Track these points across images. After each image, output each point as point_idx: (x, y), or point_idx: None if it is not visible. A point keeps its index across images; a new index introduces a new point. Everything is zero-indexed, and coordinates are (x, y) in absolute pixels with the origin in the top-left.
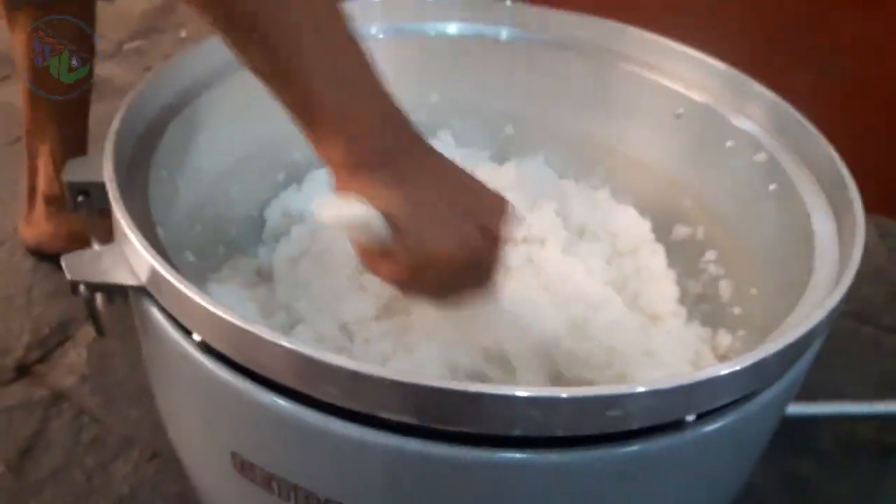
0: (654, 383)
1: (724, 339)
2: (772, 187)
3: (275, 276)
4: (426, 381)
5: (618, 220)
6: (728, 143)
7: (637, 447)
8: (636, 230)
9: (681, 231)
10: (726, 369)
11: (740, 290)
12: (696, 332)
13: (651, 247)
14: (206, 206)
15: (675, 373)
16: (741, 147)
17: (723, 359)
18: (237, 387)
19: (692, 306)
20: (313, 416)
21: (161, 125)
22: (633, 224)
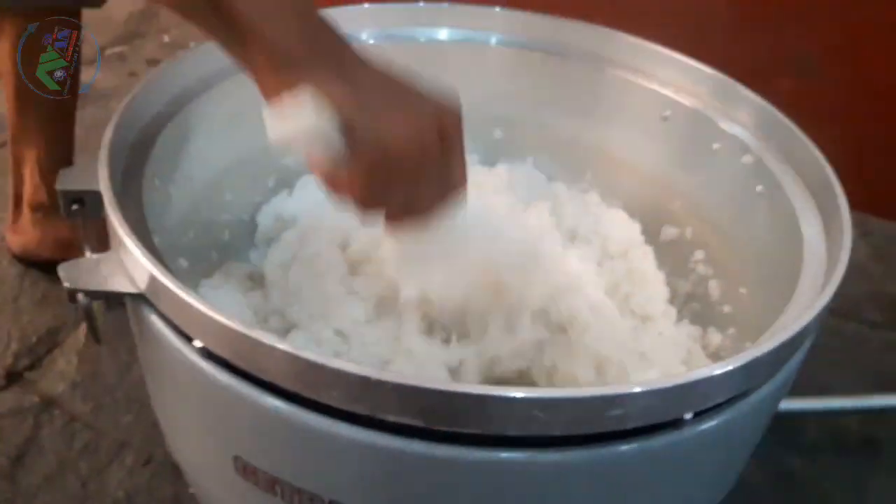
0: (653, 383)
1: (715, 338)
2: (759, 188)
3: (268, 281)
4: (431, 385)
5: (608, 223)
6: (715, 146)
7: (637, 445)
8: (626, 233)
9: (669, 232)
10: (723, 368)
11: (729, 290)
12: (686, 332)
13: (641, 249)
14: (199, 212)
15: (673, 373)
16: (728, 149)
17: (714, 357)
18: (239, 392)
19: (682, 306)
20: (316, 419)
21: (153, 133)
22: (623, 226)
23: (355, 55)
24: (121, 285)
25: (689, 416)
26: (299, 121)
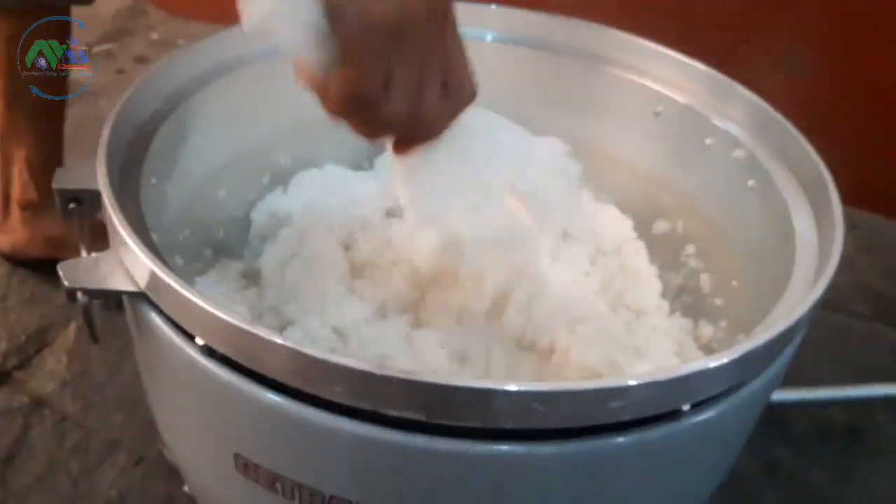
0: (652, 375)
1: (707, 330)
2: (750, 183)
3: (263, 278)
4: (435, 379)
5: (600, 220)
6: (707, 141)
7: (635, 437)
8: (619, 229)
9: (661, 226)
10: (721, 360)
11: (721, 283)
12: (679, 324)
13: (634, 245)
14: (194, 210)
15: (667, 365)
16: (720, 144)
17: (705, 349)
18: (241, 389)
19: (673, 299)
20: (318, 415)
21: (150, 130)
22: (615, 223)
23: None
24: (121, 284)
25: (686, 407)
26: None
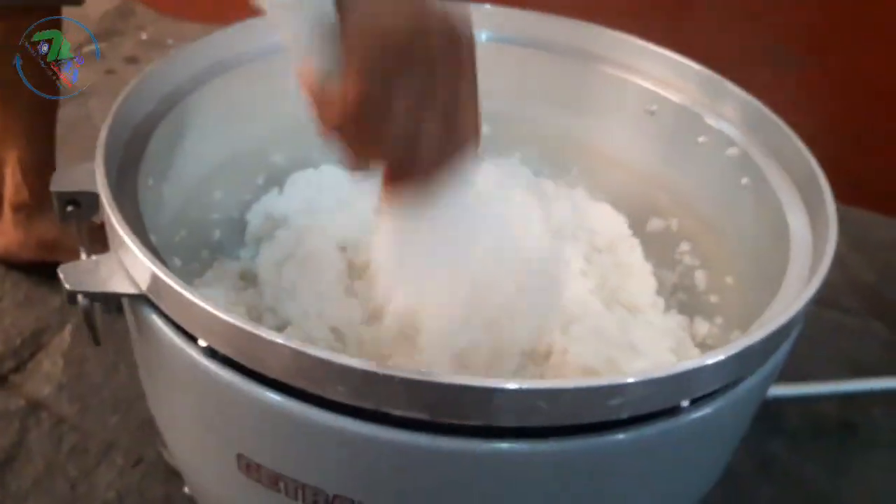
0: (652, 372)
1: (702, 327)
2: (744, 181)
3: (261, 279)
4: (438, 378)
5: (595, 217)
6: (700, 139)
7: (635, 433)
8: (613, 226)
9: (655, 224)
10: (719, 357)
11: (716, 280)
12: (675, 321)
13: (628, 242)
14: (190, 211)
15: (669, 362)
16: (713, 143)
17: (701, 346)
18: (244, 390)
19: (669, 296)
20: (321, 414)
21: (146, 132)
22: (609, 220)
23: None
24: (121, 286)
25: (685, 403)
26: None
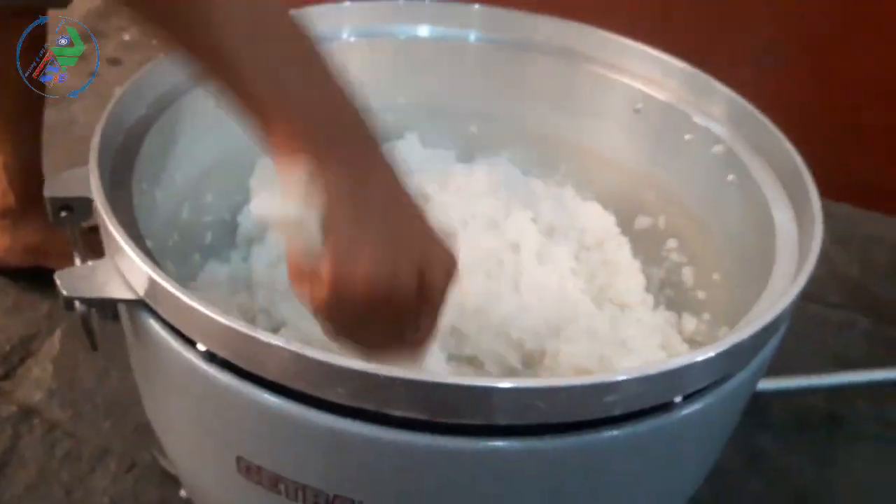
0: (646, 368)
1: (690, 323)
2: (730, 178)
3: (254, 281)
4: (438, 379)
5: (584, 216)
6: (686, 137)
7: (630, 429)
8: (602, 224)
9: (643, 221)
10: (711, 353)
11: (703, 276)
12: (663, 318)
13: (617, 240)
14: (182, 214)
15: (653, 358)
16: (699, 140)
17: (689, 342)
18: (244, 392)
19: (657, 293)
20: (320, 416)
21: (138, 136)
22: (598, 219)
23: (373, 162)
24: (118, 292)
25: (678, 399)
26: (290, 209)
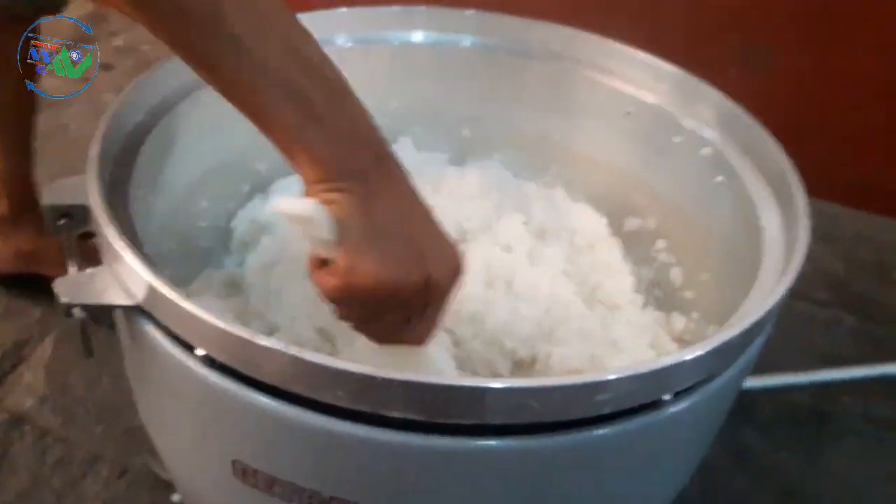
0: (636, 367)
1: (679, 322)
2: (718, 179)
3: (247, 285)
4: (434, 380)
5: (575, 218)
6: (676, 139)
7: (621, 427)
8: (593, 226)
9: (632, 223)
10: (697, 352)
11: (692, 276)
12: (652, 317)
13: (607, 241)
14: (178, 221)
15: (643, 357)
16: (688, 142)
17: (678, 341)
18: (242, 396)
19: (646, 292)
20: (318, 419)
21: (135, 144)
22: (589, 220)
23: (386, 168)
24: (117, 298)
25: (667, 397)
26: (303, 209)
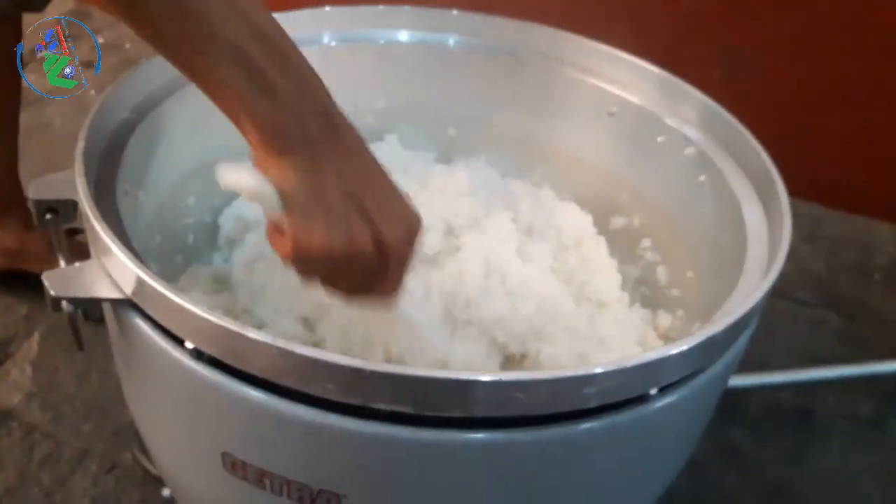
0: (622, 362)
1: (665, 320)
2: (702, 178)
3: (234, 281)
4: (423, 373)
5: (561, 216)
6: (659, 139)
7: (608, 420)
8: (579, 224)
9: (618, 221)
10: (683, 347)
11: (677, 274)
12: (639, 315)
13: (594, 239)
14: (165, 216)
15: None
16: (672, 142)
17: (665, 338)
18: (231, 389)
19: (632, 290)
20: (307, 411)
21: (121, 139)
22: (575, 219)
23: (347, 144)
24: (106, 291)
25: (654, 391)
26: (246, 182)
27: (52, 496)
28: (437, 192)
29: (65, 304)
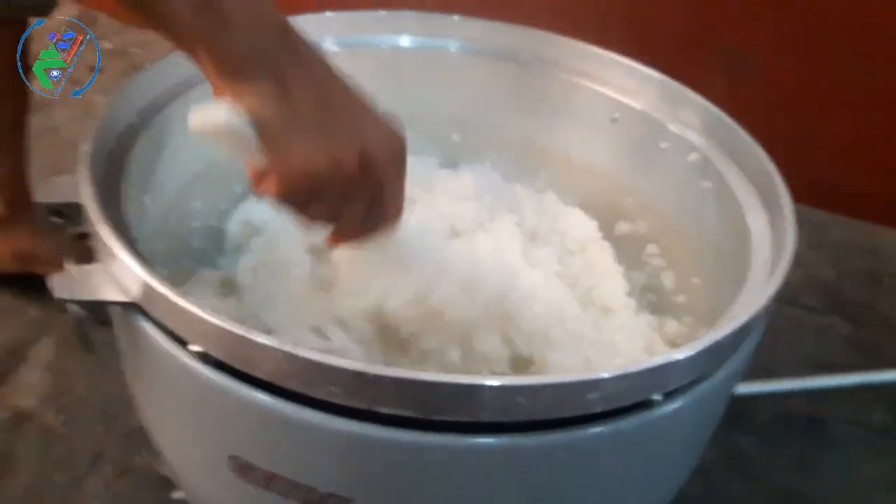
0: (626, 367)
1: (671, 326)
2: (706, 184)
3: (241, 286)
4: (426, 377)
5: (566, 221)
6: (663, 145)
7: (613, 426)
8: (584, 230)
9: (623, 227)
10: (688, 352)
11: (683, 280)
12: (646, 321)
13: (599, 244)
14: (171, 221)
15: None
16: (675, 148)
17: (671, 344)
18: (237, 393)
19: (639, 296)
20: (313, 415)
21: (127, 143)
22: (580, 224)
23: (312, 63)
24: (112, 294)
25: (658, 397)
26: (216, 118)
27: (66, 498)
28: (441, 195)
29: (71, 306)
